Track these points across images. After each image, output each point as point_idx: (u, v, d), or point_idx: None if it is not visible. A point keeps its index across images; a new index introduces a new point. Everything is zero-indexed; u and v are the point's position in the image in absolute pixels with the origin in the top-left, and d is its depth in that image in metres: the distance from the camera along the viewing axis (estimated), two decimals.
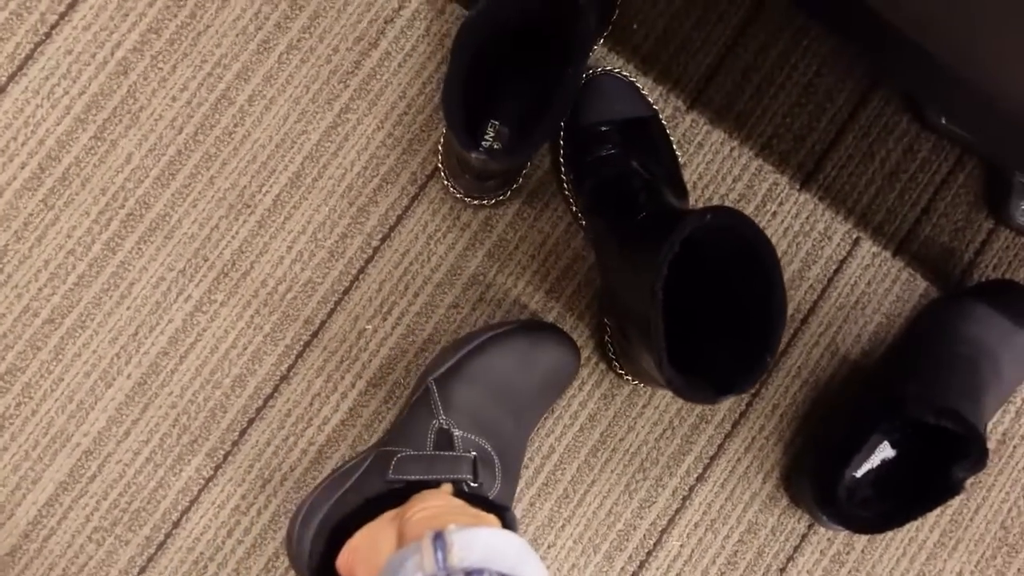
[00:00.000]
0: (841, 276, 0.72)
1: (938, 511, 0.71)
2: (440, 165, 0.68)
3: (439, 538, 0.45)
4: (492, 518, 0.54)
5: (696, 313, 0.56)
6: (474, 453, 0.59)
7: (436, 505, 0.53)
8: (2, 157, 0.68)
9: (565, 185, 0.69)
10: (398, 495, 0.57)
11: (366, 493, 0.58)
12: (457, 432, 0.59)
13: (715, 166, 0.72)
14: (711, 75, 0.72)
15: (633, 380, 0.68)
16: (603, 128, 0.65)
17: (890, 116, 0.73)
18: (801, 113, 0.73)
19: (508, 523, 0.56)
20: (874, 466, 0.68)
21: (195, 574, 0.67)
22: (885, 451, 0.68)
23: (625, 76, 0.68)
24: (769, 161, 0.72)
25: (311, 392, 0.69)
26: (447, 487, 0.57)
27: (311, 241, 0.69)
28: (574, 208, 0.69)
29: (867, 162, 0.73)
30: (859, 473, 0.67)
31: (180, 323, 0.68)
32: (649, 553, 0.70)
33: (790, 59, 0.73)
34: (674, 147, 0.69)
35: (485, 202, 0.68)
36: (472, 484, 0.57)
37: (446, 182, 0.68)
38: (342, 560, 0.56)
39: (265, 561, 0.67)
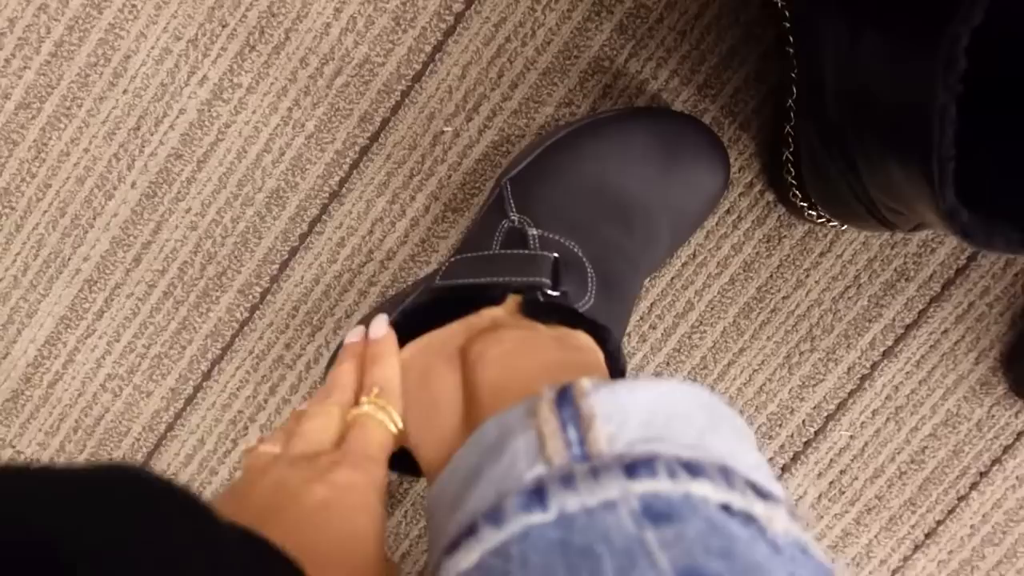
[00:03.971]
0: None
1: None
2: None
3: (565, 401, 0.28)
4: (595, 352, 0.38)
5: (985, 123, 0.35)
6: (555, 254, 0.41)
7: (511, 336, 0.37)
8: None
9: None
10: (445, 310, 0.40)
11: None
12: (533, 230, 0.42)
13: None
14: None
15: (820, 217, 0.48)
16: None
17: None
18: None
19: (611, 349, 0.39)
20: None
21: (233, 435, 0.54)
22: None
23: None
24: None
25: (371, 216, 0.51)
26: (513, 299, 0.40)
27: (368, 1, 0.49)
28: None
29: None
30: None
31: (195, 115, 0.50)
32: (807, 443, 0.54)
33: None
34: None
35: None
36: (551, 292, 0.40)
37: None
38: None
39: None
